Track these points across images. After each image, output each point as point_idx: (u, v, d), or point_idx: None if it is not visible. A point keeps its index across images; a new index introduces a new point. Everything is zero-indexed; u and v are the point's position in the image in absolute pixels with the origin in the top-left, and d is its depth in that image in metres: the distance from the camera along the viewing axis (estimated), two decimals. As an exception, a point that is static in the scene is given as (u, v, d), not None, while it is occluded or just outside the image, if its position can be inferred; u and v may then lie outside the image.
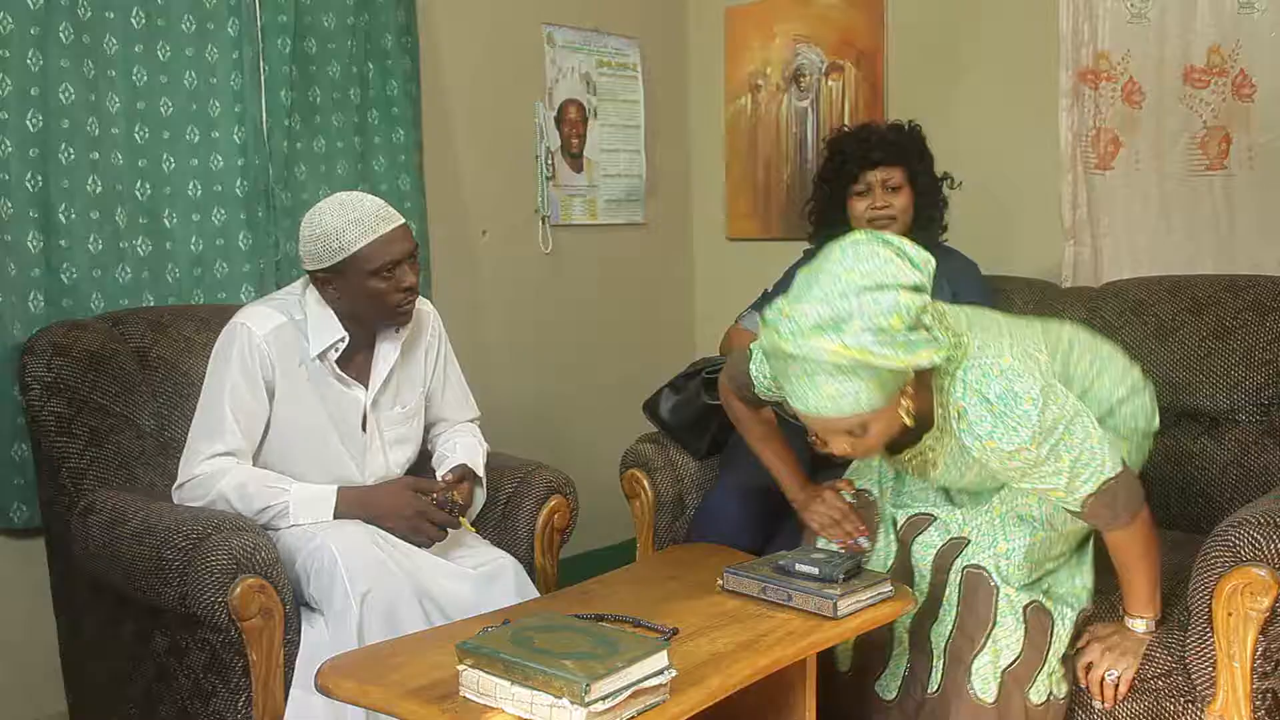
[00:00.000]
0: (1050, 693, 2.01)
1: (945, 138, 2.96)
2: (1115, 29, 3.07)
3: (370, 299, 2.15)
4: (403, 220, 2.18)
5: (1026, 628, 1.99)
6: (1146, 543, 1.98)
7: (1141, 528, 1.96)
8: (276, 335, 2.18)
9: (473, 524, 2.34)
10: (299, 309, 2.21)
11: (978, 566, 2.01)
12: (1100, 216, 3.14)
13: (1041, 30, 3.17)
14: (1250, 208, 2.94)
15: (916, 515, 2.12)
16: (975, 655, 1.99)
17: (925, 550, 2.08)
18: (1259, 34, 2.88)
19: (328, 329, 2.19)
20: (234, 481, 2.12)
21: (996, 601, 1.98)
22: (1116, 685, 2.02)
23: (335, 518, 2.14)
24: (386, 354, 2.27)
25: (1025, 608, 1.99)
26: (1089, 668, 2.04)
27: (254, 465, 2.20)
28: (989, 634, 1.98)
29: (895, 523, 2.15)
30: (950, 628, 2.03)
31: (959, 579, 2.02)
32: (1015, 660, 1.98)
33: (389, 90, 3.13)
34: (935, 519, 2.10)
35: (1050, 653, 2.01)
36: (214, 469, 2.13)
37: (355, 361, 2.25)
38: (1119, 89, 3.09)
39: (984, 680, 1.98)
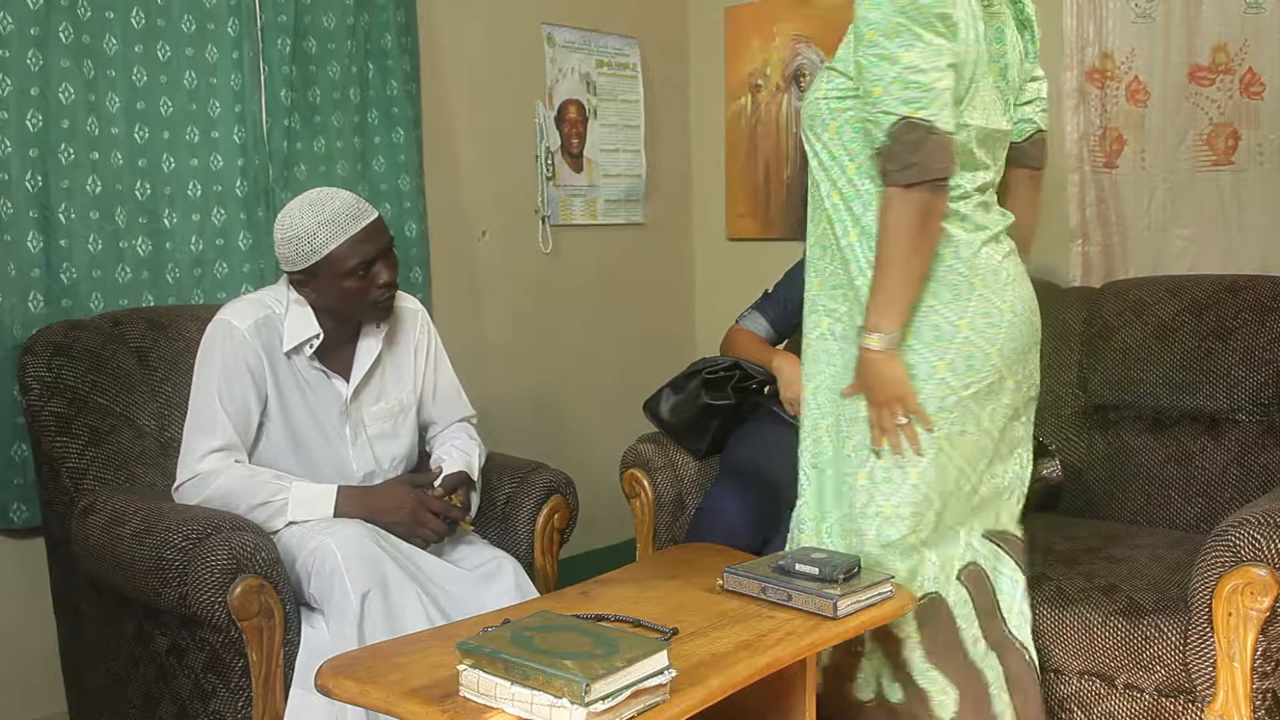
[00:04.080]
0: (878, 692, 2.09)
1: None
2: (1121, 29, 3.08)
3: (347, 298, 2.16)
4: (375, 215, 2.17)
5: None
6: (907, 233, 1.83)
7: (913, 207, 1.82)
8: (260, 328, 2.18)
9: (472, 524, 2.34)
10: (280, 304, 2.22)
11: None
12: (1108, 215, 3.15)
13: (1046, 30, 3.15)
14: (1260, 203, 2.96)
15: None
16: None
17: None
18: (1266, 33, 2.90)
19: (303, 326, 2.19)
20: (233, 477, 2.12)
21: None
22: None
23: (335, 516, 2.14)
24: (369, 347, 2.27)
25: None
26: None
27: (250, 462, 2.20)
28: None
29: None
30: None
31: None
32: None
33: (389, 90, 3.14)
34: None
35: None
36: (212, 467, 2.13)
37: (339, 355, 2.26)
38: (1124, 88, 3.10)
39: None
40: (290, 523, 2.12)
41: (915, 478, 1.97)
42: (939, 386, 1.93)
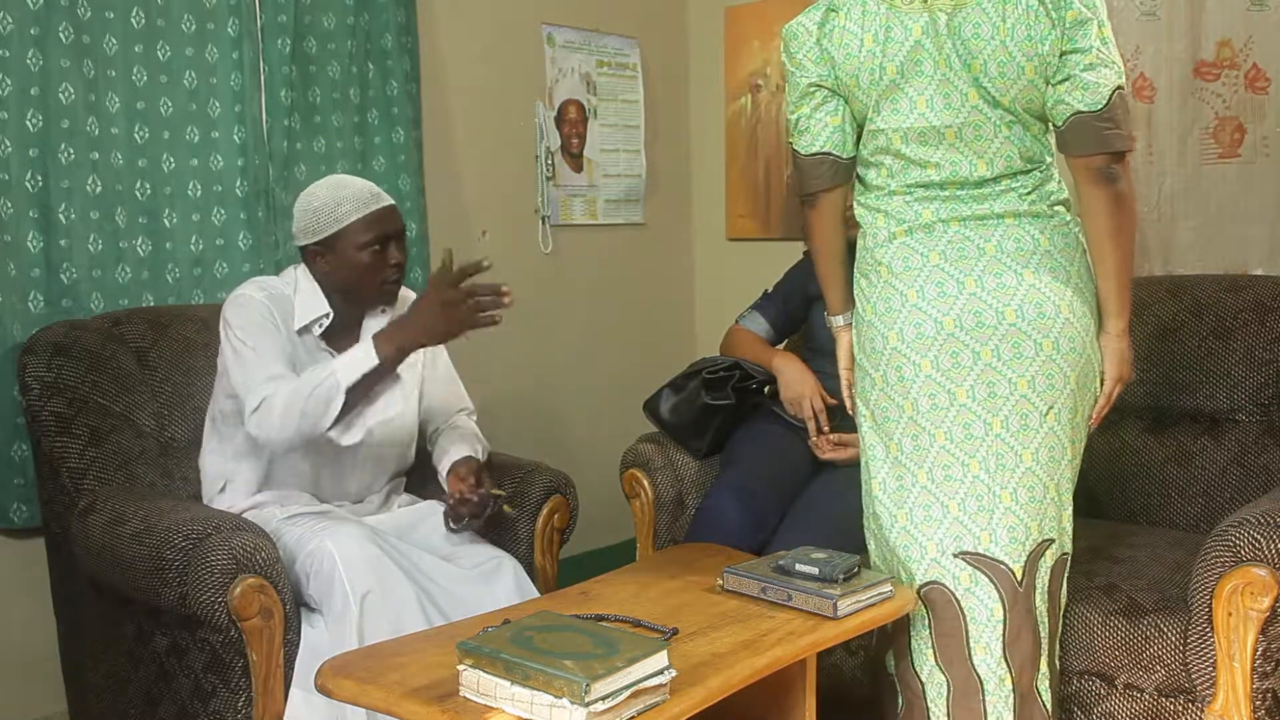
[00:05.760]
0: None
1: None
2: (1126, 26, 3.09)
3: (360, 272, 2.22)
4: (392, 202, 2.27)
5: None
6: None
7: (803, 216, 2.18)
8: (275, 300, 2.24)
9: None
10: (290, 286, 2.27)
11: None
12: None
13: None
14: (1266, 195, 2.97)
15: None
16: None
17: None
18: (1269, 29, 2.93)
19: (314, 304, 2.25)
20: (287, 385, 2.12)
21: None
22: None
23: (380, 363, 2.09)
24: (372, 329, 2.27)
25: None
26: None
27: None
28: None
29: None
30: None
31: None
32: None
33: (389, 90, 3.14)
34: None
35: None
36: (269, 391, 2.12)
37: (344, 340, 2.27)
38: (1130, 85, 3.11)
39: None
40: (347, 391, 2.07)
41: (867, 475, 2.10)
42: (859, 369, 2.09)
